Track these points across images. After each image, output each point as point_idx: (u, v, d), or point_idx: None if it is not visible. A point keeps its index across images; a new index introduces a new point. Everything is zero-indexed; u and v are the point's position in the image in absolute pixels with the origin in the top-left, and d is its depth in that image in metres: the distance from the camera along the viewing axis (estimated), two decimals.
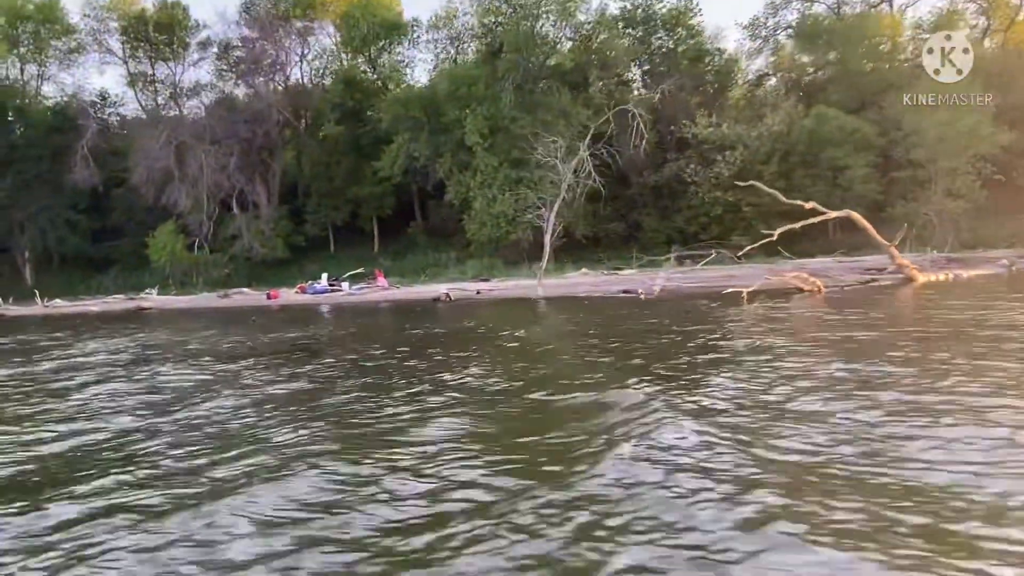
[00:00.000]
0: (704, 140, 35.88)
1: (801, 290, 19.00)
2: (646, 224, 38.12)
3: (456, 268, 36.63)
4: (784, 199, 22.76)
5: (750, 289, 18.52)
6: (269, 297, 33.72)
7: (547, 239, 25.77)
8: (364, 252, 46.65)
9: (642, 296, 20.93)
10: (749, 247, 23.28)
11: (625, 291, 22.51)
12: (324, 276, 35.73)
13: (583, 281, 28.57)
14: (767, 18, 43.23)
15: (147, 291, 38.23)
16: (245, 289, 38.52)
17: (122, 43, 50.04)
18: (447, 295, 25.49)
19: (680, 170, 36.83)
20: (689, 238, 36.31)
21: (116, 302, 38.06)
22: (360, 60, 45.72)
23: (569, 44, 35.25)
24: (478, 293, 26.01)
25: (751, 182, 24.42)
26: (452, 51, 46.33)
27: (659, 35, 40.48)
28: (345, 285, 34.46)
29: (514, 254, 37.22)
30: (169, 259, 41.90)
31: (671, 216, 37.28)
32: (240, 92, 49.36)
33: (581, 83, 35.89)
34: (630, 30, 39.31)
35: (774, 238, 21.00)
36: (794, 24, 42.57)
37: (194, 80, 50.80)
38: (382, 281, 33.22)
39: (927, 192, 31.00)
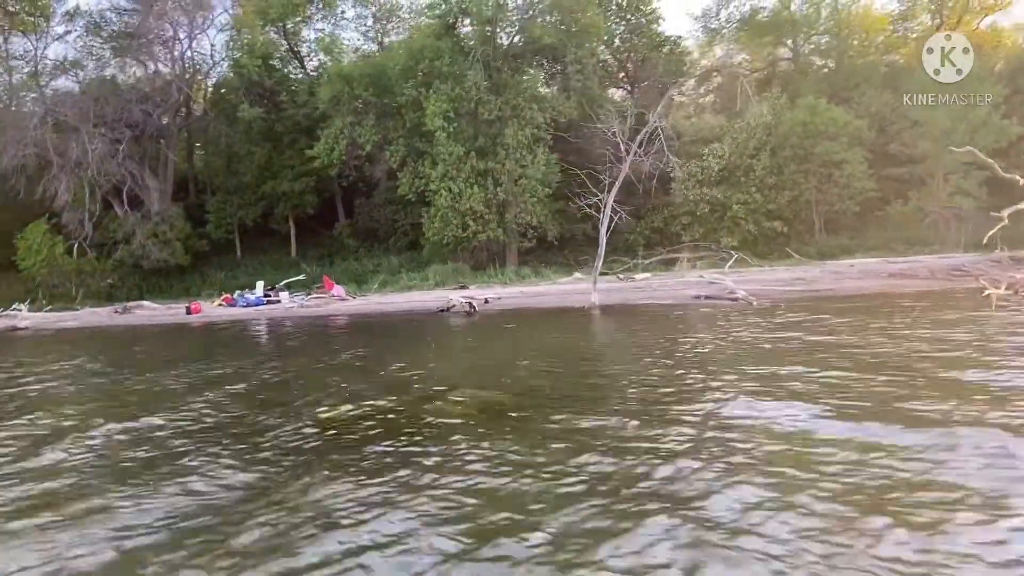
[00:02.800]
0: (683, 133, 32.84)
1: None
2: (618, 224, 34.45)
3: (410, 275, 31.41)
4: (1002, 172, 19.17)
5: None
6: (190, 311, 27.16)
7: (603, 231, 21.36)
8: (279, 257, 40.34)
9: (753, 303, 16.95)
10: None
11: (709, 297, 18.65)
12: (259, 284, 29.49)
13: (586, 288, 24.49)
14: (719, 9, 41.43)
15: (15, 306, 30.32)
16: (145, 302, 31.43)
17: None
18: (471, 305, 20.35)
19: (655, 165, 33.59)
20: (670, 239, 33.19)
21: None
22: (273, 33, 39.27)
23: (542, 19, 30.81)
24: (486, 302, 21.09)
25: (968, 148, 20.82)
26: (381, 29, 41.07)
27: (618, 18, 37.34)
28: (284, 295, 28.47)
29: (476, 258, 32.57)
30: (44, 265, 33.82)
31: (647, 215, 33.87)
32: (120, 71, 41.43)
33: (556, 64, 31.80)
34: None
35: (1006, 222, 17.41)
36: (746, 15, 40.81)
37: (61, 56, 42.30)
38: (337, 290, 27.48)
39: (929, 189, 29.37)
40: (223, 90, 40.74)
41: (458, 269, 30.71)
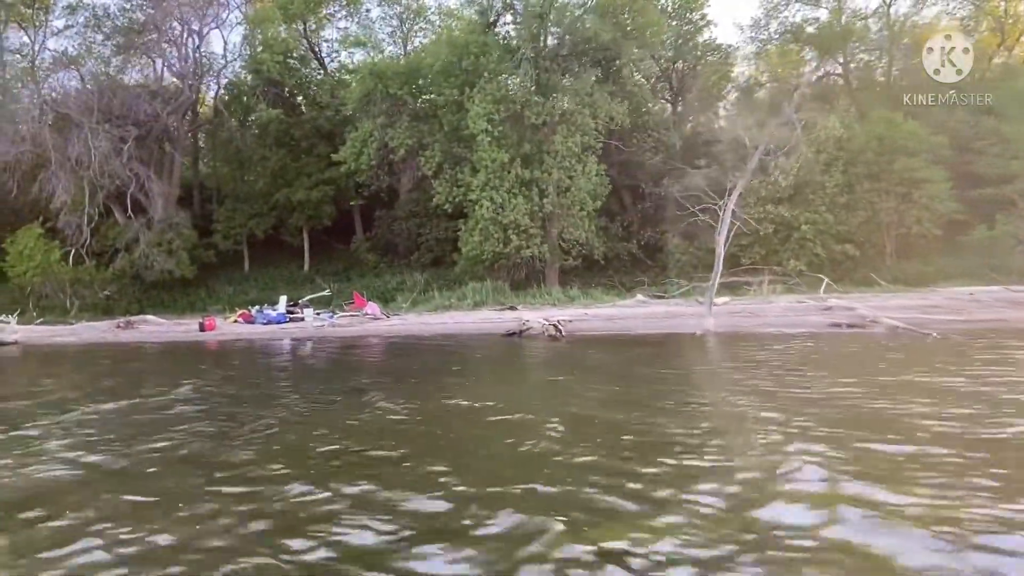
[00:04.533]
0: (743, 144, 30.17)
1: None
2: (667, 244, 31.68)
3: (443, 294, 28.44)
4: None
5: None
6: (204, 328, 24.01)
7: (721, 243, 18.50)
8: (290, 272, 37.29)
9: (934, 335, 13.96)
10: None
11: (850, 325, 15.72)
12: (283, 300, 26.33)
13: (637, 312, 21.60)
14: (768, 20, 39.04)
15: (2, 318, 27.05)
16: (150, 316, 28.27)
17: None
18: (556, 328, 17.18)
19: (711, 178, 30.93)
20: (725, 261, 30.31)
21: None
22: (294, 31, 36.50)
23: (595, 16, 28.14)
24: (557, 328, 17.95)
25: None
26: (405, 30, 38.33)
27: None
28: (308, 312, 25.40)
29: (512, 276, 29.62)
30: (36, 273, 30.56)
31: (699, 234, 31.04)
32: (124, 69, 38.46)
33: (610, 65, 29.08)
34: None
35: None
36: (795, 27, 38.44)
37: (60, 50, 39.27)
38: (372, 308, 24.41)
39: (1021, 212, 26.76)
40: (236, 91, 37.78)
41: (498, 288, 27.74)
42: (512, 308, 24.20)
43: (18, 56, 39.94)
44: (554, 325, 16.43)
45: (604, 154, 29.64)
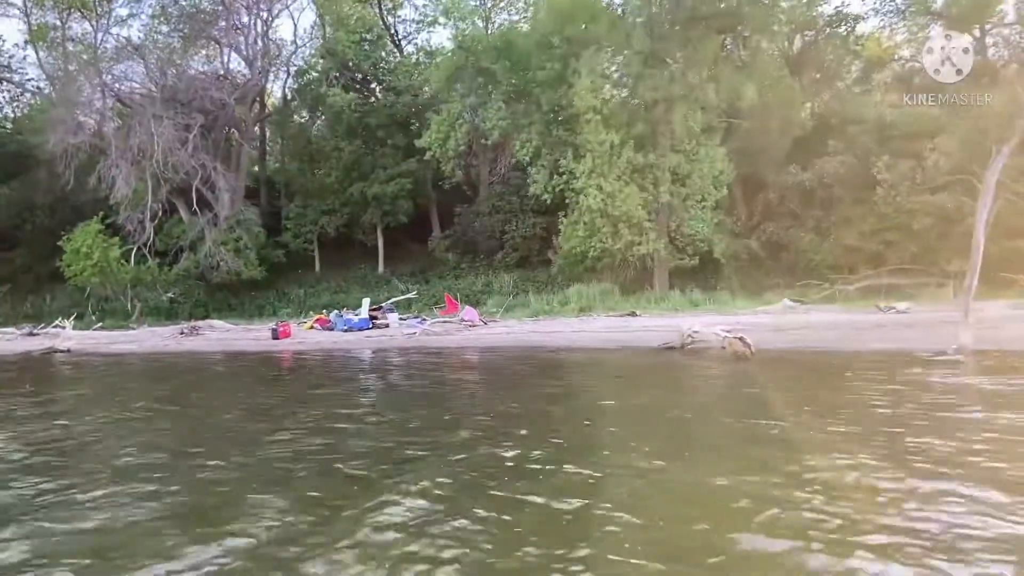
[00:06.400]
0: (893, 124, 25.90)
1: None
2: (793, 240, 27.44)
3: (541, 299, 24.86)
4: None
5: None
6: (277, 335, 20.89)
7: (980, 228, 14.46)
8: (364, 273, 34.24)
9: None
10: None
11: None
12: (366, 303, 23.07)
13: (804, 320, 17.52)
14: None
15: (58, 322, 24.54)
16: (216, 321, 25.47)
17: None
18: (744, 343, 13.07)
19: (844, 165, 26.66)
20: (869, 260, 26.00)
21: (7, 338, 24.28)
22: (368, 11, 33.44)
23: None
24: (745, 343, 13.45)
25: None
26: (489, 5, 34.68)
27: None
28: (393, 317, 22.10)
29: (617, 277, 25.86)
30: (96, 273, 28.04)
31: (834, 230, 26.79)
32: (189, 57, 36.02)
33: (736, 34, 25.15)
34: None
35: None
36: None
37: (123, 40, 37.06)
38: (470, 313, 20.97)
39: None
40: (306, 78, 34.89)
41: (605, 291, 24.04)
42: (632, 314, 20.45)
43: (81, 46, 38.11)
44: (740, 338, 12.53)
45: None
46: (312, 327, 22.86)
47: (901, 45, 34.65)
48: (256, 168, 37.94)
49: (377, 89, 34.36)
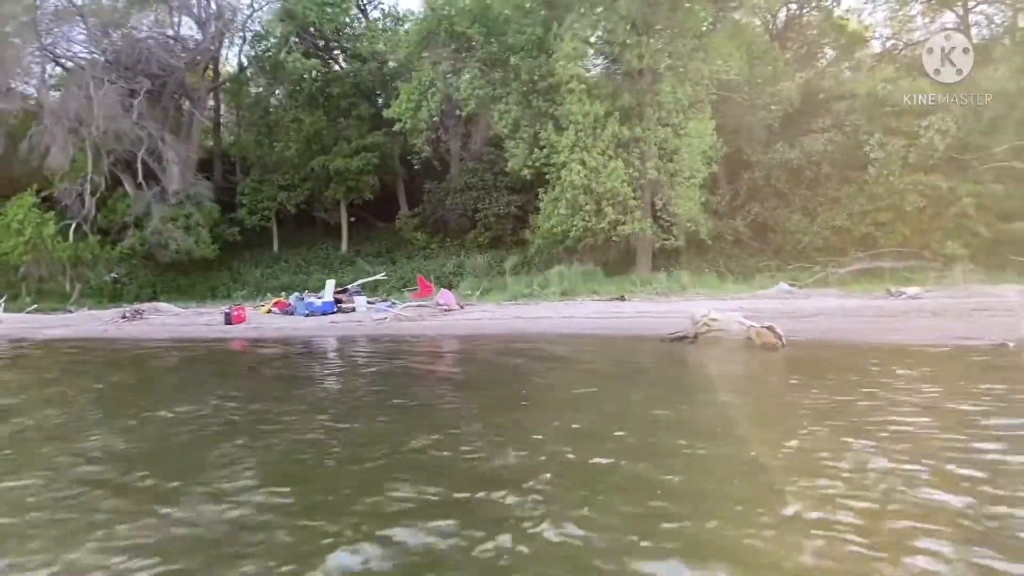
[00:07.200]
0: (882, 101, 24.73)
1: None
2: (780, 221, 26.24)
3: (519, 281, 23.30)
4: None
5: None
6: (230, 320, 18.91)
7: None
8: (326, 253, 32.33)
9: None
10: None
11: None
12: (330, 285, 21.13)
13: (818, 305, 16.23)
14: None
15: None
16: (162, 304, 23.35)
17: None
18: (774, 333, 11.18)
19: (833, 143, 25.49)
20: (858, 242, 24.96)
21: None
22: None
23: None
24: (776, 333, 11.40)
25: None
26: None
27: None
28: (360, 301, 20.27)
29: (597, 258, 24.41)
30: (28, 250, 25.61)
31: (822, 210, 25.66)
32: (135, 18, 33.25)
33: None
34: None
35: None
36: None
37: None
38: (446, 297, 19.23)
39: None
40: (264, 43, 32.52)
41: (588, 273, 22.57)
42: (621, 298, 19.01)
43: (19, 7, 35.07)
44: (769, 328, 10.94)
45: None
46: (270, 311, 20.92)
47: (882, 23, 33.74)
48: (210, 141, 35.51)
49: (340, 56, 32.31)
